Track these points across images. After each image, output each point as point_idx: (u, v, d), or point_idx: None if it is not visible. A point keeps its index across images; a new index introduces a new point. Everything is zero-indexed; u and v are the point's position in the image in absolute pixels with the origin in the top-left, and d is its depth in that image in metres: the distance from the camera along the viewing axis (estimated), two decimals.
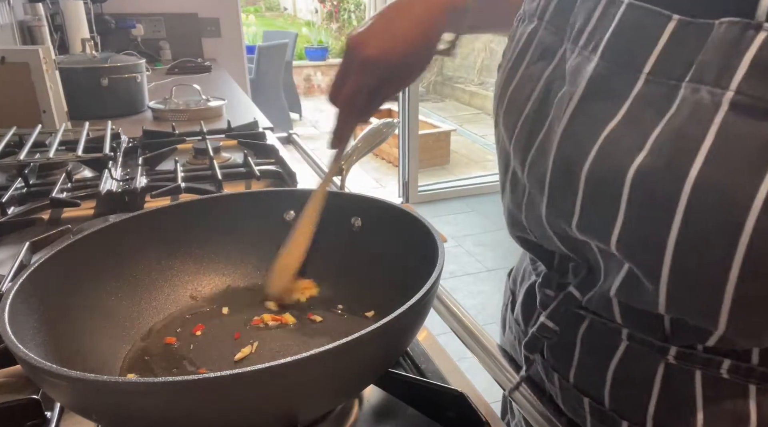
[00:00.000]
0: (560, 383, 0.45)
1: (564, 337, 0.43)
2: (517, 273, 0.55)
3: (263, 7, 8.45)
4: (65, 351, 0.42)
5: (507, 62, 0.42)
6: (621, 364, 0.39)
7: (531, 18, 0.40)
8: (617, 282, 0.35)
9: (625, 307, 0.36)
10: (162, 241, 0.55)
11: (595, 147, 0.32)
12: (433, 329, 0.58)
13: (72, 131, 1.20)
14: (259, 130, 1.27)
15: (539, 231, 0.40)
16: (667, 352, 0.36)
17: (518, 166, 0.40)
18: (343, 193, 0.62)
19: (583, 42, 0.34)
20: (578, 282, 0.40)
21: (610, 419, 0.40)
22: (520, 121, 0.39)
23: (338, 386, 0.37)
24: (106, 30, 2.48)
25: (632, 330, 0.38)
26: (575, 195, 0.33)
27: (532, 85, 0.38)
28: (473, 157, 4.68)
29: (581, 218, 0.34)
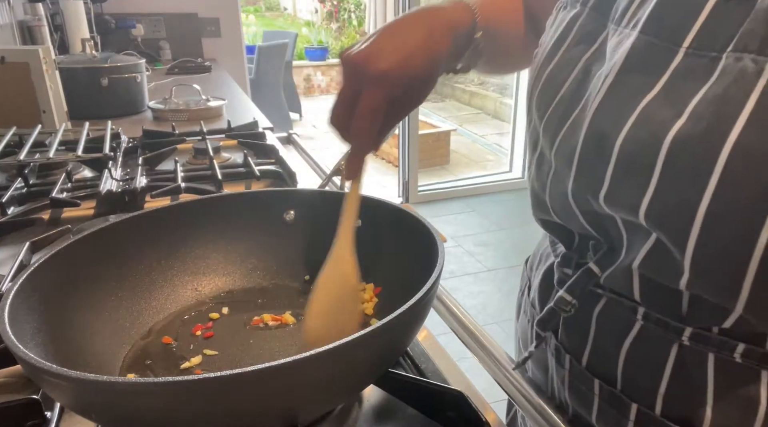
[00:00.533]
0: (571, 365, 0.45)
1: (579, 316, 0.43)
2: (533, 259, 0.55)
3: (263, 7, 8.45)
4: (65, 351, 0.42)
5: (545, 46, 0.42)
6: (635, 344, 0.39)
7: (573, 4, 0.41)
8: (642, 254, 0.35)
9: (645, 282, 0.37)
10: (162, 241, 0.55)
11: (631, 118, 0.32)
12: (433, 329, 0.58)
13: (72, 131, 1.20)
14: (259, 130, 1.27)
15: (563, 209, 0.41)
16: (682, 332, 0.36)
17: (547, 145, 0.40)
18: (343, 193, 0.62)
19: (625, 22, 0.35)
20: (598, 258, 0.40)
21: (620, 401, 0.40)
22: (555, 101, 0.39)
23: (338, 386, 0.37)
24: (106, 30, 2.48)
25: (649, 308, 0.38)
26: (606, 166, 0.34)
27: (570, 68, 0.39)
28: (473, 157, 4.68)
29: (610, 188, 0.34)
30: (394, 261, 0.53)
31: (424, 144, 3.92)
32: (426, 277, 0.40)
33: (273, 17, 8.40)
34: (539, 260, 0.53)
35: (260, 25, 7.81)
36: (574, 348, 0.44)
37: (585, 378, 0.43)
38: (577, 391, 0.45)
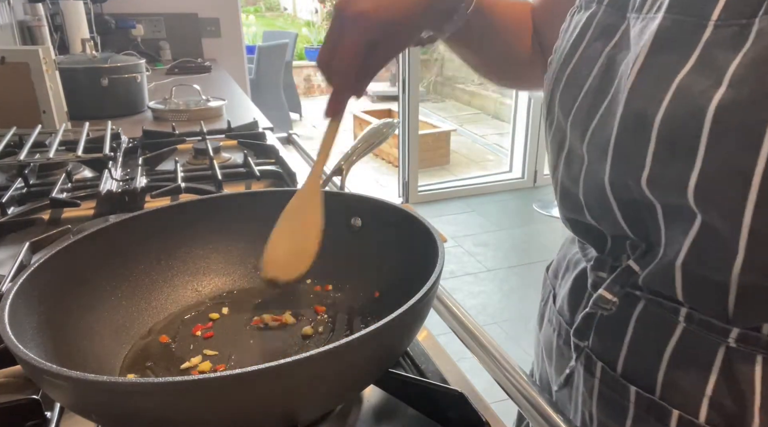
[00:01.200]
0: (603, 374, 0.43)
1: (615, 321, 0.42)
2: (558, 266, 0.54)
3: (263, 7, 8.45)
4: (65, 351, 0.42)
5: (562, 49, 0.43)
6: (678, 347, 0.38)
7: (588, 5, 0.42)
8: (685, 246, 0.34)
9: (689, 278, 0.35)
10: (162, 241, 0.55)
11: (668, 95, 0.32)
12: (433, 329, 0.58)
13: (72, 131, 1.20)
14: (259, 131, 1.27)
15: (599, 203, 0.40)
16: (728, 334, 0.35)
17: (577, 141, 0.40)
18: (343, 193, 0.62)
19: (647, 8, 0.35)
20: (637, 256, 0.39)
21: (659, 408, 0.39)
22: (580, 97, 0.40)
23: (338, 386, 0.37)
24: (106, 30, 2.48)
25: (692, 308, 0.37)
26: (646, 148, 0.33)
27: (592, 63, 0.39)
28: (473, 157, 4.68)
29: (653, 170, 0.34)
30: (394, 261, 0.53)
31: (424, 144, 3.92)
32: (426, 277, 0.40)
33: (273, 17, 8.40)
34: (566, 267, 0.52)
35: (260, 25, 7.81)
36: (607, 355, 0.43)
37: (619, 386, 0.42)
38: (607, 400, 0.43)
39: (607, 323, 0.43)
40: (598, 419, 0.45)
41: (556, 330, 0.52)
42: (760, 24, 0.29)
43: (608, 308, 0.41)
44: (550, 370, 0.55)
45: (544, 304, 0.56)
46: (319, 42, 7.16)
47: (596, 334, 0.44)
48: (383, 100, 6.55)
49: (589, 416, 0.46)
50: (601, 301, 0.41)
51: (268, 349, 0.49)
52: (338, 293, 0.56)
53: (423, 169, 3.81)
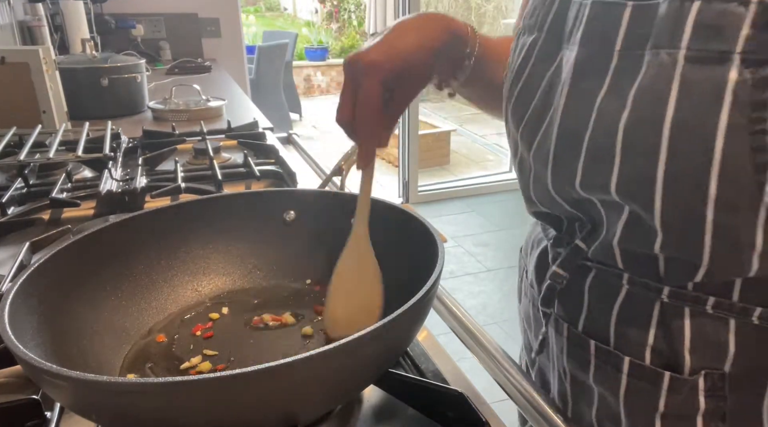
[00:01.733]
0: (569, 332, 0.50)
1: (574, 289, 0.48)
2: (526, 246, 0.61)
3: (263, 7, 8.45)
4: (65, 351, 0.42)
5: (512, 69, 0.48)
6: (623, 305, 0.45)
7: (531, 30, 0.47)
8: (619, 229, 0.41)
9: (625, 252, 0.42)
10: (162, 241, 0.55)
11: (593, 116, 0.39)
12: (433, 329, 0.58)
13: (72, 131, 1.20)
14: (259, 131, 1.27)
15: (547, 200, 0.47)
16: (661, 292, 0.42)
17: (525, 151, 0.47)
18: (343, 194, 0.62)
19: (568, 40, 0.42)
20: (583, 236, 0.46)
21: (614, 356, 0.45)
22: (527, 114, 0.46)
23: (338, 386, 0.37)
24: (106, 30, 2.48)
25: (632, 274, 0.43)
26: (578, 160, 0.40)
27: (536, 85, 0.45)
28: (473, 157, 4.68)
29: (583, 177, 0.40)
30: (394, 261, 0.53)
31: (424, 144, 3.92)
32: (426, 277, 0.40)
33: (273, 17, 8.39)
34: (532, 245, 0.58)
35: (260, 25, 7.81)
36: (570, 317, 0.50)
37: (581, 341, 0.48)
38: (574, 355, 0.50)
39: (567, 291, 0.49)
40: (569, 372, 0.51)
41: (530, 301, 0.58)
42: (648, 56, 0.35)
43: (560, 281, 0.48)
44: (530, 337, 0.60)
45: (520, 280, 0.62)
46: (320, 42, 7.17)
47: (559, 301, 0.51)
48: None
49: (563, 371, 0.52)
50: (555, 276, 0.48)
51: (268, 349, 0.49)
52: None
53: (423, 169, 3.81)
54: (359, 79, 0.47)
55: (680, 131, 0.34)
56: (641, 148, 0.36)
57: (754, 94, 0.32)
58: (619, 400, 0.46)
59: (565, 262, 0.47)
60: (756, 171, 0.33)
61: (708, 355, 0.41)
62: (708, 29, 0.33)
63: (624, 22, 0.37)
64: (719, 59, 0.32)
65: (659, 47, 0.35)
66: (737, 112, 0.32)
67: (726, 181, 0.34)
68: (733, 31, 0.32)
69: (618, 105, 0.37)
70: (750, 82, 0.32)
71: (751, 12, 0.31)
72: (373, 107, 0.47)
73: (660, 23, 0.35)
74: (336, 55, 7.26)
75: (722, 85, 0.32)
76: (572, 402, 0.52)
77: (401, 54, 0.48)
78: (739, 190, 0.34)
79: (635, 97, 0.36)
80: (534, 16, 0.47)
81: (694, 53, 0.33)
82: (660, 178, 0.35)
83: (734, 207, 0.34)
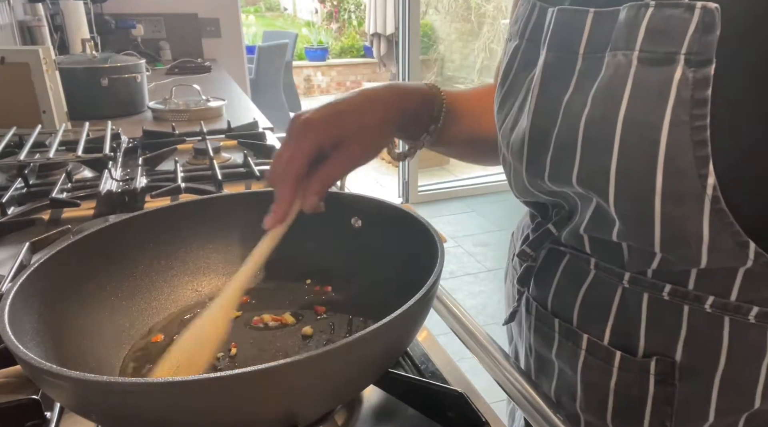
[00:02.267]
0: (537, 311, 0.54)
1: (547, 271, 0.52)
2: (517, 231, 0.64)
3: (263, 7, 8.44)
4: (65, 351, 0.42)
5: (499, 74, 0.52)
6: (588, 289, 0.48)
7: (515, 37, 0.49)
8: (586, 217, 0.44)
9: (592, 239, 0.46)
10: (162, 241, 0.55)
11: (560, 115, 0.42)
12: (433, 329, 0.58)
13: (72, 131, 1.20)
14: (259, 131, 1.27)
15: (525, 193, 0.50)
16: (623, 277, 0.45)
17: (505, 149, 0.50)
18: (343, 194, 0.62)
19: (543, 45, 0.44)
20: (555, 221, 0.49)
21: (575, 334, 0.49)
22: (509, 115, 0.49)
23: (338, 386, 0.37)
24: (106, 30, 2.48)
25: (598, 259, 0.47)
26: (546, 154, 0.43)
27: (518, 89, 0.48)
28: None
29: (551, 170, 0.44)
30: (393, 261, 0.53)
31: None
32: (426, 277, 0.40)
33: (273, 17, 8.39)
34: (521, 231, 0.62)
35: (260, 25, 7.80)
36: (540, 297, 0.54)
37: (547, 319, 0.52)
38: (540, 331, 0.54)
39: (542, 272, 0.53)
40: (534, 348, 0.55)
41: (512, 281, 0.61)
42: (607, 58, 0.38)
43: (526, 260, 0.52)
44: (508, 312, 0.63)
45: (508, 262, 0.66)
46: (320, 42, 7.16)
47: (534, 281, 0.55)
48: None
49: (529, 347, 0.57)
50: (522, 255, 0.52)
51: (268, 349, 0.49)
52: (338, 293, 0.56)
53: (423, 169, 3.81)
54: (292, 133, 0.47)
55: (630, 126, 0.37)
56: (598, 142, 0.39)
57: (695, 92, 0.35)
58: (576, 375, 0.50)
59: (534, 242, 0.51)
60: (697, 164, 0.35)
61: (661, 341, 0.44)
62: (658, 32, 0.36)
63: (587, 27, 0.40)
64: (666, 60, 0.35)
65: (617, 49, 0.38)
66: (680, 108, 0.35)
67: (671, 174, 0.36)
68: (679, 34, 0.35)
69: (581, 104, 0.40)
70: (692, 80, 0.35)
71: (695, 17, 0.34)
72: (292, 169, 0.46)
73: (619, 28, 0.38)
74: (336, 55, 7.26)
75: (668, 83, 0.35)
76: (535, 376, 0.57)
77: (338, 120, 0.48)
78: (684, 183, 0.36)
79: (594, 96, 0.39)
80: (517, 23, 0.49)
81: (645, 54, 0.36)
82: (613, 171, 0.38)
83: (679, 199, 0.37)
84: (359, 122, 0.50)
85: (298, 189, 0.47)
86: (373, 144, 0.51)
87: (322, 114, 0.48)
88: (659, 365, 0.44)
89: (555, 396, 0.53)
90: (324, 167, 0.48)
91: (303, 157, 0.46)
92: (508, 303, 0.65)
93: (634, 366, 0.45)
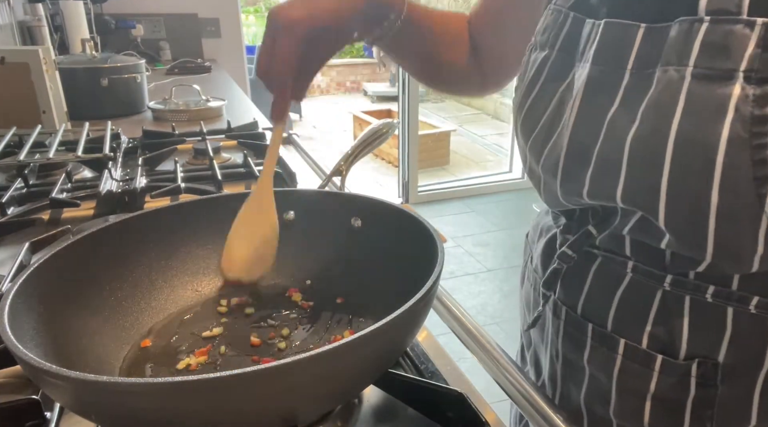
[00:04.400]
0: (567, 315, 0.52)
1: (577, 274, 0.50)
2: (533, 233, 0.62)
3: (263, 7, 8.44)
4: (65, 351, 0.42)
5: (523, 83, 0.50)
6: (625, 292, 0.47)
7: (543, 47, 0.48)
8: (631, 223, 0.43)
9: (634, 242, 0.45)
10: (162, 241, 0.55)
11: (603, 130, 0.41)
12: (433, 329, 0.58)
13: (72, 131, 1.20)
14: (259, 131, 1.27)
15: (557, 205, 0.49)
16: (663, 280, 0.44)
17: (534, 162, 0.49)
18: (343, 194, 0.62)
19: (581, 57, 0.43)
20: (596, 223, 0.47)
21: (610, 338, 0.48)
22: (537, 128, 0.47)
23: (338, 386, 0.37)
24: (106, 30, 2.48)
25: (637, 262, 0.45)
26: (586, 170, 0.42)
27: (547, 100, 0.47)
28: (473, 157, 4.68)
29: (591, 186, 0.42)
30: (394, 261, 0.53)
31: (424, 144, 3.92)
32: (426, 277, 0.40)
33: None
34: (540, 233, 0.60)
35: (260, 25, 7.80)
36: (570, 301, 0.52)
37: (579, 324, 0.50)
38: (570, 337, 0.52)
39: (571, 275, 0.51)
40: (562, 354, 0.53)
41: (532, 285, 0.59)
42: (658, 73, 0.37)
43: (568, 262, 0.50)
44: (527, 317, 0.62)
45: (524, 265, 0.64)
46: None
47: (562, 285, 0.53)
48: (383, 100, 6.55)
49: (555, 353, 0.54)
50: (563, 256, 0.50)
51: (268, 349, 0.49)
52: (338, 293, 0.56)
53: (423, 170, 3.82)
54: (277, 34, 0.49)
55: (684, 144, 0.36)
56: (647, 160, 0.38)
57: (755, 109, 0.33)
58: (612, 380, 0.48)
59: (574, 244, 0.49)
60: (756, 183, 0.34)
61: (704, 343, 0.43)
62: (714, 48, 0.34)
63: (636, 42, 0.39)
64: (724, 76, 0.34)
65: (669, 65, 0.37)
66: (739, 126, 0.34)
67: (726, 192, 0.35)
68: (738, 50, 0.34)
69: (628, 120, 0.39)
70: (752, 98, 0.33)
71: (756, 33, 0.33)
72: (287, 62, 0.49)
73: (670, 43, 0.37)
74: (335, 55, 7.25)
75: (725, 100, 0.34)
76: (561, 383, 0.54)
77: (320, 13, 0.50)
78: (740, 202, 0.35)
79: (644, 112, 0.38)
80: (546, 33, 0.48)
81: (700, 71, 0.35)
82: (664, 189, 0.37)
83: (735, 217, 0.36)
84: (335, 12, 0.52)
85: (294, 85, 0.51)
86: (349, 30, 0.55)
87: (303, 9, 0.50)
88: (701, 367, 0.43)
89: (585, 403, 0.51)
90: (310, 59, 0.52)
91: (292, 55, 0.49)
92: (527, 307, 0.63)
93: (676, 369, 0.44)
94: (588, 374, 0.50)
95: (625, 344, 0.46)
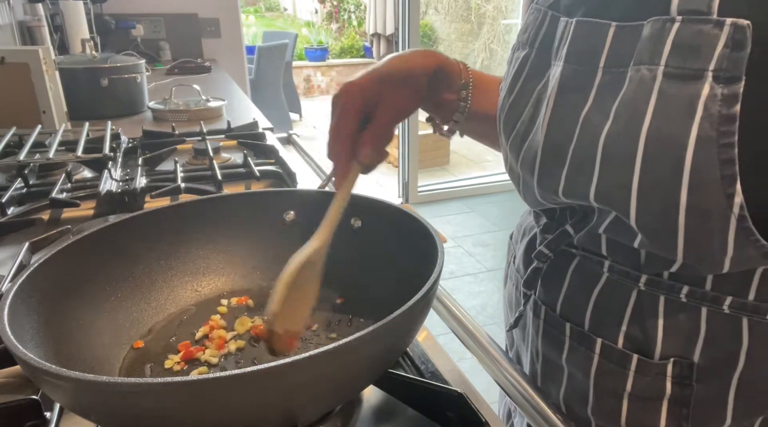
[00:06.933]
0: (546, 315, 0.52)
1: (556, 273, 0.51)
2: (516, 233, 0.63)
3: (263, 7, 8.44)
4: (65, 351, 0.42)
5: (506, 82, 0.50)
6: (602, 292, 0.47)
7: (524, 46, 0.49)
8: (606, 222, 0.43)
9: (610, 241, 0.45)
10: (162, 241, 0.55)
11: (577, 128, 0.41)
12: (433, 329, 0.58)
13: (72, 131, 1.20)
14: (258, 131, 1.27)
15: (536, 204, 0.50)
16: (639, 280, 0.44)
17: (513, 160, 0.49)
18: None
19: (555, 56, 0.44)
20: (573, 222, 0.48)
21: (587, 338, 0.48)
22: (516, 126, 0.48)
23: (338, 386, 0.37)
24: (106, 30, 2.48)
25: (613, 261, 0.46)
26: (561, 169, 0.42)
27: (526, 99, 0.47)
28: (473, 157, 4.68)
29: (566, 184, 0.43)
30: (394, 261, 0.53)
31: (424, 144, 3.92)
32: (426, 277, 0.40)
33: (273, 18, 8.39)
34: (522, 233, 0.60)
35: (260, 25, 7.80)
36: (549, 300, 0.52)
37: (557, 323, 0.51)
38: (549, 336, 0.52)
39: (550, 275, 0.51)
40: (542, 353, 0.54)
41: (515, 284, 0.59)
42: (630, 72, 0.38)
43: (545, 261, 0.51)
44: (509, 317, 0.62)
45: (508, 265, 0.64)
46: (320, 42, 7.16)
47: (542, 284, 0.53)
48: None
49: (535, 352, 0.55)
50: (540, 255, 0.51)
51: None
52: (338, 294, 0.56)
53: (423, 170, 3.81)
54: (337, 100, 0.48)
55: (654, 142, 0.36)
56: (619, 158, 0.38)
57: (723, 108, 0.34)
58: (589, 379, 0.48)
59: (551, 243, 0.50)
60: (724, 183, 0.35)
61: (678, 343, 0.44)
62: (685, 48, 0.35)
63: (608, 41, 0.39)
64: (694, 76, 0.35)
65: (641, 64, 0.37)
66: (707, 125, 0.34)
67: (695, 191, 0.35)
68: (708, 50, 0.34)
69: (601, 118, 0.39)
70: (720, 97, 0.34)
71: (725, 33, 0.33)
72: (343, 128, 0.48)
73: (642, 42, 0.37)
74: (336, 55, 7.25)
75: (695, 99, 0.34)
76: (541, 382, 0.55)
77: (377, 73, 0.50)
78: (709, 200, 0.35)
79: (616, 111, 0.38)
80: (527, 32, 0.48)
81: (671, 70, 0.35)
82: (635, 187, 0.37)
83: (705, 216, 0.36)
84: (396, 72, 0.51)
85: (352, 146, 0.48)
86: (416, 91, 0.53)
87: (362, 76, 0.49)
88: (677, 367, 0.43)
89: (564, 402, 0.52)
90: (374, 119, 0.49)
91: (352, 116, 0.48)
92: (509, 307, 0.63)
93: (651, 369, 0.45)
94: (567, 374, 0.51)
95: (602, 343, 0.47)
